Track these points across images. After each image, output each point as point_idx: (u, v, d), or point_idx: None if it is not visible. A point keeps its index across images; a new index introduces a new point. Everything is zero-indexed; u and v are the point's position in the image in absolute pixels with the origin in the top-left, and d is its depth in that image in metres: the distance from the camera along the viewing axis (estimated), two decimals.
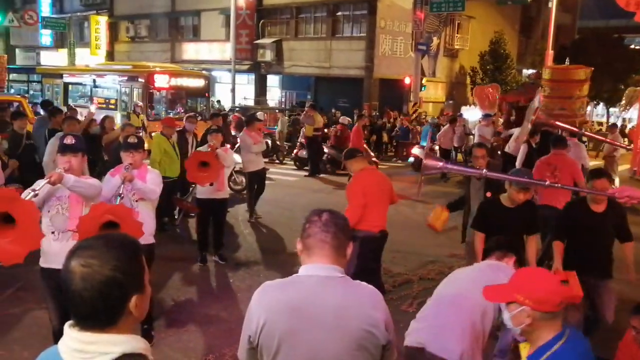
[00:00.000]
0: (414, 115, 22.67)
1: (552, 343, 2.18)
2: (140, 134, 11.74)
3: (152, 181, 4.84)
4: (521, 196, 4.76)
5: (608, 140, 12.66)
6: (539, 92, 3.80)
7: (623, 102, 18.23)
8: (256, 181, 9.84)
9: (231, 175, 9.62)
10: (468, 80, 30.90)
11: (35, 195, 3.58)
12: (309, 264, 2.17)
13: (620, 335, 3.69)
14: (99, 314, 1.45)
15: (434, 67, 26.71)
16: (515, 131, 10.68)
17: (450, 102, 28.16)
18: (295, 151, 16.66)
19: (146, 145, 11.02)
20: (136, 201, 4.77)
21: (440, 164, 3.23)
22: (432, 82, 27.77)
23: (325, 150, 15.66)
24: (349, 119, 17.32)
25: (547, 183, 4.25)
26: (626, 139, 18.50)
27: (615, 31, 33.47)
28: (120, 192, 4.48)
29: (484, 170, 3.20)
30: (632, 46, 34.49)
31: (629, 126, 26.91)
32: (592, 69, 11.34)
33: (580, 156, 8.99)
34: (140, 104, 15.59)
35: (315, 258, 2.15)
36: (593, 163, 12.12)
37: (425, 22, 23.84)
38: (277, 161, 17.42)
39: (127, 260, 1.49)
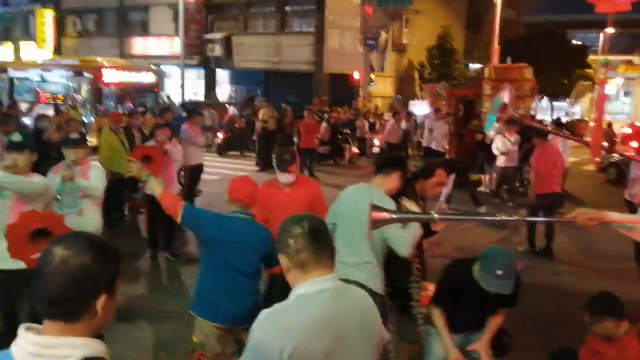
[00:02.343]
0: (364, 110, 22.86)
1: None
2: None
3: (94, 178, 4.72)
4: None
5: (572, 137, 12.87)
6: (508, 88, 3.76)
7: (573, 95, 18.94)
8: (196, 175, 9.80)
9: (180, 170, 9.49)
10: (416, 74, 31.37)
11: None
12: (309, 281, 1.96)
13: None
14: (66, 302, 1.42)
15: (382, 62, 27.06)
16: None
17: (399, 96, 28.54)
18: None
19: (95, 141, 10.85)
20: (80, 198, 4.65)
21: (389, 216, 2.98)
22: (381, 76, 28.08)
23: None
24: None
25: (501, 218, 3.86)
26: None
27: (559, 26, 34.60)
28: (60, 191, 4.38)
29: (436, 215, 3.03)
30: (575, 41, 35.73)
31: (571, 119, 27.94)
32: (528, 67, 11.78)
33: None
34: (79, 97, 15.29)
35: (315, 273, 1.96)
36: None
37: (373, 17, 24.09)
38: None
39: (106, 256, 1.49)
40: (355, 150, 17.17)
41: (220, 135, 17.97)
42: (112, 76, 16.58)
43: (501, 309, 3.66)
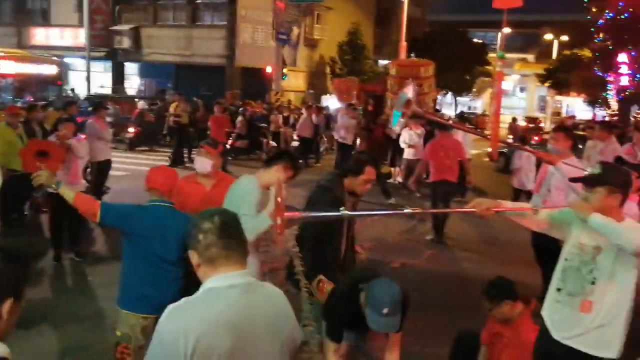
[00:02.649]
0: (276, 104, 22.90)
1: None
2: None
3: None
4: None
5: (472, 130, 13.44)
6: (412, 84, 3.85)
7: (474, 90, 19.94)
8: (103, 171, 9.49)
9: (87, 167, 9.13)
10: (328, 69, 31.82)
11: None
12: (218, 275, 1.93)
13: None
14: None
15: (294, 57, 27.22)
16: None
17: (311, 91, 28.88)
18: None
19: None
20: None
21: (299, 214, 3.02)
22: (293, 71, 28.25)
23: None
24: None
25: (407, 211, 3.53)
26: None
27: (460, 25, 36.23)
28: None
29: (344, 210, 3.05)
30: (476, 40, 37.55)
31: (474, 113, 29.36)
32: (432, 64, 12.35)
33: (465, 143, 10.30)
34: None
35: (223, 269, 1.94)
36: None
37: (285, 12, 24.17)
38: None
39: (12, 260, 1.48)
40: (273, 143, 17.19)
41: (131, 130, 17.39)
42: (8, 67, 15.61)
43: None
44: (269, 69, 24.72)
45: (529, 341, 3.39)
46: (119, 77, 29.61)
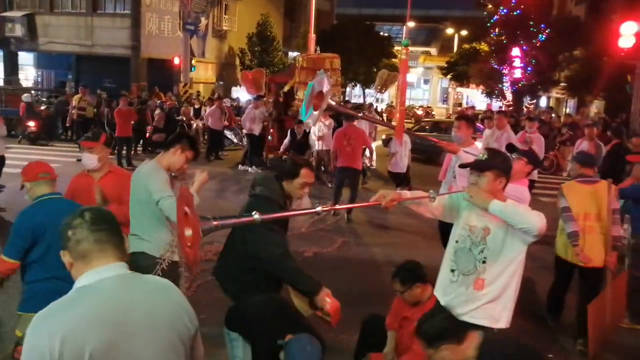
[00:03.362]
0: (185, 97, 22.43)
1: None
2: None
3: None
4: None
5: (378, 121, 13.73)
6: (325, 77, 3.83)
7: (376, 83, 20.48)
8: None
9: None
10: (237, 61, 31.51)
11: None
12: (91, 270, 1.85)
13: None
14: None
15: (203, 48, 26.74)
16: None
17: (221, 83, 28.52)
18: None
19: None
20: None
21: (215, 222, 2.87)
22: (202, 62, 27.75)
23: None
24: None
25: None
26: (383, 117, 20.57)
27: (366, 19, 36.98)
28: None
29: (257, 216, 2.94)
30: (382, 33, 38.52)
31: (382, 106, 30.14)
32: (338, 57, 12.65)
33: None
34: None
35: (97, 262, 1.86)
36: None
37: (192, 2, 23.66)
38: None
39: None
40: None
41: (32, 124, 16.38)
42: None
43: None
44: (176, 60, 24.10)
45: None
46: (12, 68, 27.79)
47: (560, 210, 4.99)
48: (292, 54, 32.77)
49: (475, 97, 45.75)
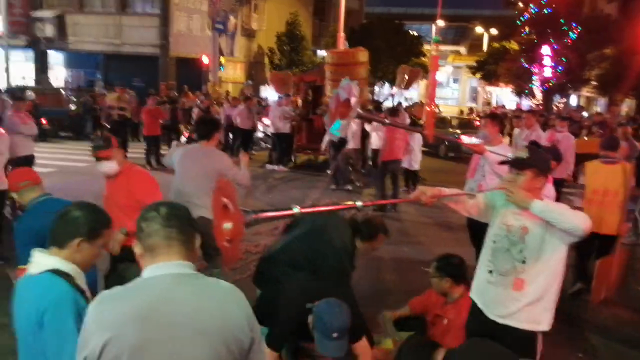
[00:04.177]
0: (214, 95, 22.38)
1: None
2: None
3: None
4: None
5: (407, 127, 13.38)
6: (351, 84, 3.73)
7: (398, 80, 20.12)
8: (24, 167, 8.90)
9: (8, 163, 8.52)
10: (266, 60, 31.43)
11: None
12: (154, 265, 1.88)
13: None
14: None
15: (232, 47, 26.70)
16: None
17: (250, 82, 28.40)
18: None
19: None
20: None
21: (255, 216, 2.91)
22: (231, 61, 27.72)
23: None
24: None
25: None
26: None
27: (395, 18, 36.65)
28: None
29: (297, 209, 2.96)
30: (411, 32, 38.13)
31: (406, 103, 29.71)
32: (367, 51, 12.42)
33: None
34: None
35: (162, 257, 1.88)
36: None
37: (221, 1, 23.62)
38: None
39: None
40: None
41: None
42: None
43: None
44: (205, 59, 24.09)
45: None
46: (42, 68, 28.08)
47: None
48: (321, 53, 32.57)
49: (504, 96, 45.19)
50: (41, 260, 2.33)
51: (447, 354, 2.84)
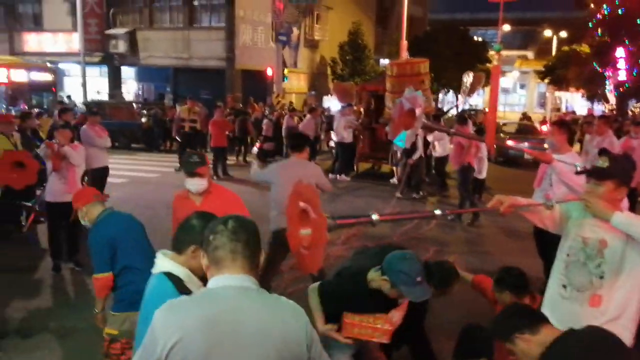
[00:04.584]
0: (278, 107, 22.69)
1: None
2: None
3: None
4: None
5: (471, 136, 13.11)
6: (416, 95, 3.69)
7: (462, 87, 19.65)
8: (99, 179, 9.25)
9: (84, 175, 8.91)
10: (329, 70, 31.58)
11: None
12: (219, 276, 1.94)
13: None
14: None
15: (295, 58, 27.00)
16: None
17: (313, 92, 28.64)
18: None
19: None
20: None
21: (337, 221, 2.98)
22: (294, 72, 28.02)
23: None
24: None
25: None
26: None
27: (460, 24, 36.02)
28: None
29: (375, 215, 2.93)
30: (476, 38, 37.39)
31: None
32: (427, 61, 12.25)
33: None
34: None
35: (227, 270, 1.93)
36: None
37: (284, 12, 23.96)
38: None
39: None
40: None
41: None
42: (1, 75, 15.43)
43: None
44: (269, 71, 24.48)
45: None
46: (116, 82, 29.36)
47: None
48: (384, 62, 32.45)
49: (575, 102, 43.54)
50: (160, 263, 2.52)
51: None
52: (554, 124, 5.64)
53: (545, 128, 28.53)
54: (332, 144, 17.38)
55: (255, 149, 15.80)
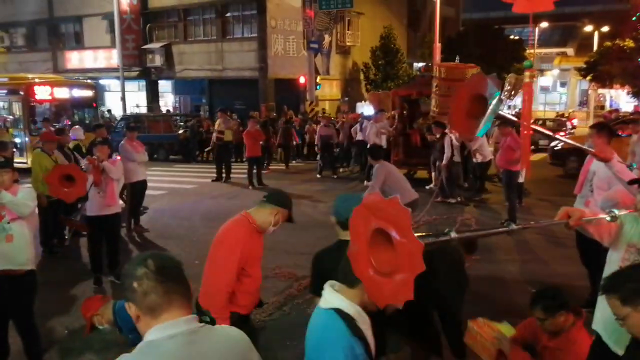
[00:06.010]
0: (311, 114, 22.72)
1: None
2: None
3: (23, 197, 4.42)
4: None
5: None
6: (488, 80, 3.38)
7: (507, 88, 19.32)
8: (138, 192, 9.42)
9: (124, 189, 9.10)
10: (362, 76, 31.48)
11: None
12: (160, 325, 1.72)
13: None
14: None
15: (327, 65, 27.00)
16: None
17: (346, 99, 28.60)
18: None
19: (29, 163, 10.35)
20: (8, 223, 4.31)
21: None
22: (327, 79, 28.04)
23: None
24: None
25: None
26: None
27: (495, 22, 35.42)
28: None
29: (454, 234, 2.75)
30: (512, 36, 36.71)
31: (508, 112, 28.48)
32: (478, 67, 12.04)
33: None
34: (10, 117, 14.65)
35: (167, 315, 1.73)
36: None
37: (315, 20, 24.03)
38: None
39: None
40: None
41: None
42: (44, 92, 15.99)
43: None
44: (302, 80, 24.58)
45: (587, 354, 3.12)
46: (153, 96, 30.00)
47: None
48: (417, 65, 32.16)
49: (619, 99, 42.21)
50: (328, 297, 2.28)
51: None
52: (593, 127, 5.35)
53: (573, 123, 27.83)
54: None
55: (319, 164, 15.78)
